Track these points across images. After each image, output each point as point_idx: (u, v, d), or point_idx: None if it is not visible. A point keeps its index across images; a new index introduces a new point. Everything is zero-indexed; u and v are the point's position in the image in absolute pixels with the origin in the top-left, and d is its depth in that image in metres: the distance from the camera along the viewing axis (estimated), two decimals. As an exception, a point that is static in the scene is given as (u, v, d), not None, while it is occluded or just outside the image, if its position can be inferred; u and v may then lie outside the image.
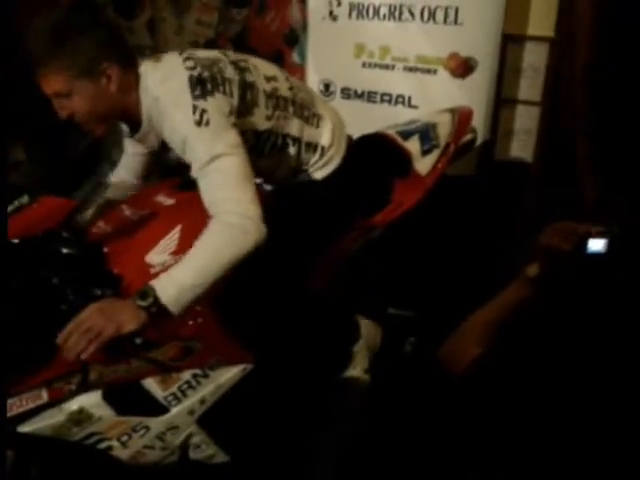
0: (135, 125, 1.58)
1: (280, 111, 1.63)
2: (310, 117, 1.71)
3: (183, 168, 1.56)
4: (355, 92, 3.04)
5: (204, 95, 1.43)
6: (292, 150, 1.68)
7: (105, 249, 1.61)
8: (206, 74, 1.47)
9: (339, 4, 3.03)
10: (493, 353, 1.21)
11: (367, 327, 1.92)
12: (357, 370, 1.84)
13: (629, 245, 1.20)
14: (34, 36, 1.41)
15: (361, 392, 1.84)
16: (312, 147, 1.71)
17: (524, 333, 1.22)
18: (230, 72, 1.53)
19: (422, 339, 2.06)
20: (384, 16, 2.92)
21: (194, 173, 1.46)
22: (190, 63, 1.49)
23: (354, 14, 3.00)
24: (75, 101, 1.45)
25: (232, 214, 1.39)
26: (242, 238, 1.39)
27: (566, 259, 1.19)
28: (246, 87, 1.54)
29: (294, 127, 1.67)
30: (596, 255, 1.19)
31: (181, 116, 1.42)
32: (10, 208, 1.46)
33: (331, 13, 3.05)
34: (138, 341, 1.39)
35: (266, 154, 1.65)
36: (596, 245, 1.19)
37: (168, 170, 2.42)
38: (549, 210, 2.75)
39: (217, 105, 1.45)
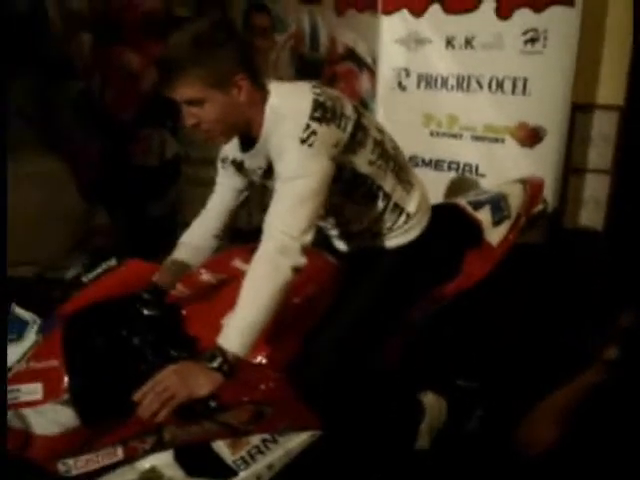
0: (251, 141, 1.62)
1: (382, 161, 1.67)
2: (403, 181, 1.74)
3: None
4: (423, 160, 3.09)
5: (321, 120, 1.49)
6: (380, 205, 1.70)
7: (183, 312, 1.67)
8: (329, 104, 1.53)
9: (408, 75, 3.12)
10: (569, 438, 1.19)
11: (432, 402, 1.90)
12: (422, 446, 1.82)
13: None
14: (176, 44, 1.49)
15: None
16: (398, 210, 1.73)
17: (601, 419, 1.19)
18: (349, 110, 1.59)
19: (490, 412, 2.01)
20: (452, 87, 2.98)
21: (276, 185, 1.50)
22: (318, 90, 1.56)
23: (422, 85, 3.08)
24: (206, 109, 1.51)
25: (278, 233, 1.44)
26: (281, 261, 1.43)
27: None
28: (359, 127, 1.59)
29: (389, 183, 1.70)
30: None
31: (292, 128, 1.48)
32: (98, 270, 1.54)
33: (400, 84, 3.15)
34: (212, 404, 1.42)
35: (355, 198, 1.68)
36: None
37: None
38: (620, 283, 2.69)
39: (328, 134, 1.50)
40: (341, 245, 1.85)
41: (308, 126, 1.47)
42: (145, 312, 1.59)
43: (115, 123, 2.63)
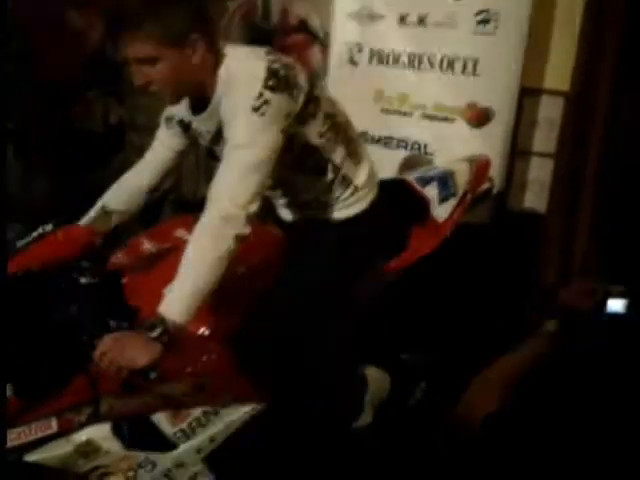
0: (202, 104, 1.59)
1: (332, 134, 1.65)
2: (353, 153, 1.73)
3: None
4: (373, 137, 3.08)
5: (274, 89, 1.45)
6: (329, 176, 1.69)
7: (124, 281, 1.62)
8: (283, 72, 1.49)
9: (360, 50, 3.09)
10: (508, 411, 1.20)
11: (375, 375, 1.91)
12: (365, 420, 1.83)
13: None
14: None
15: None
16: (346, 182, 1.72)
17: (539, 391, 1.21)
18: (302, 80, 1.56)
19: (433, 385, 2.04)
20: (404, 64, 2.98)
21: (224, 151, 1.47)
22: (273, 57, 1.52)
23: (374, 61, 3.06)
24: (157, 68, 1.46)
25: (223, 200, 1.42)
26: (225, 230, 1.41)
27: (585, 318, 1.19)
28: (311, 99, 1.57)
29: (338, 155, 1.68)
30: (616, 315, 1.19)
31: (245, 95, 1.44)
32: (33, 235, 1.47)
33: (352, 59, 3.12)
34: (152, 375, 1.39)
35: (304, 170, 1.66)
36: (616, 305, 1.19)
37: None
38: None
39: (280, 104, 1.46)
40: (287, 215, 1.82)
41: (261, 94, 1.43)
42: (83, 280, 1.53)
43: (55, 86, 2.52)
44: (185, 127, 1.70)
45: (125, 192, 1.80)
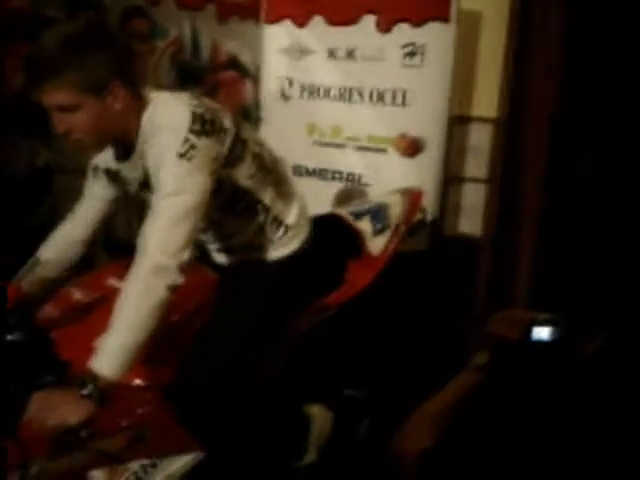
0: (127, 151, 1.56)
1: (261, 175, 1.65)
2: (282, 193, 1.73)
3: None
4: (307, 169, 3.11)
5: (200, 134, 1.44)
6: (260, 218, 1.68)
7: (54, 334, 1.57)
8: (208, 116, 1.49)
9: (291, 84, 3.13)
10: (442, 446, 1.22)
11: (317, 413, 1.90)
12: (310, 459, 1.82)
13: (573, 333, 1.24)
14: (46, 45, 1.40)
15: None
16: (277, 222, 1.71)
17: (472, 424, 1.24)
18: (228, 123, 1.55)
19: (377, 420, 2.04)
20: (335, 97, 3.03)
21: (153, 200, 1.45)
22: (196, 102, 1.51)
23: (305, 94, 3.11)
24: (78, 116, 1.43)
25: (154, 251, 1.39)
26: (156, 281, 1.38)
27: (512, 347, 1.22)
28: (238, 141, 1.56)
29: (268, 196, 1.68)
30: (541, 343, 1.23)
31: (170, 141, 1.42)
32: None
33: (283, 93, 3.16)
34: (84, 433, 1.34)
35: (236, 213, 1.65)
36: (541, 333, 1.22)
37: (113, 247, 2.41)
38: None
39: (208, 148, 1.45)
40: (220, 258, 1.81)
41: (187, 140, 1.42)
42: (9, 337, 1.47)
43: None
44: (113, 176, 1.67)
45: (60, 248, 1.74)
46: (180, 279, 1.41)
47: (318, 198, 2.07)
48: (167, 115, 1.49)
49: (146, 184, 1.56)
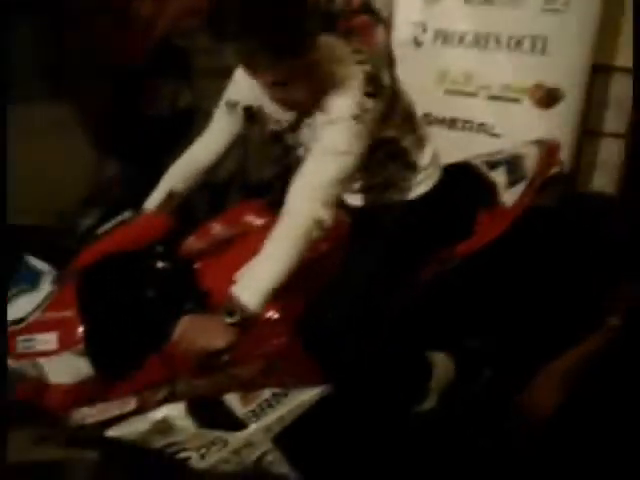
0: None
1: (404, 123, 1.66)
2: (418, 136, 1.73)
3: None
4: (437, 118, 3.05)
5: (371, 95, 1.47)
6: (397, 162, 1.70)
7: (196, 265, 1.67)
8: (376, 76, 1.51)
9: (424, 30, 3.05)
10: (573, 403, 1.20)
11: (440, 361, 1.91)
12: (430, 405, 1.84)
13: None
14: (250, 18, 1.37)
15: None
16: (412, 165, 1.72)
17: (604, 384, 1.20)
18: (386, 78, 1.56)
19: (498, 371, 2.03)
20: (469, 44, 2.92)
21: (314, 150, 1.49)
22: (361, 57, 1.53)
23: (439, 41, 3.02)
24: (291, 91, 1.47)
25: (313, 202, 1.45)
26: (309, 224, 1.44)
27: None
28: (393, 96, 1.58)
29: (407, 141, 1.69)
30: None
31: (346, 102, 1.46)
32: (113, 223, 1.53)
33: (416, 39, 3.08)
34: (225, 358, 1.44)
35: (375, 157, 1.66)
36: None
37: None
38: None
39: (375, 111, 1.48)
40: (354, 200, 1.83)
41: (361, 103, 1.45)
42: (158, 265, 1.59)
43: (125, 71, 2.58)
44: (251, 114, 1.70)
45: (183, 172, 1.80)
46: (330, 224, 1.47)
47: (447, 148, 2.03)
48: (342, 73, 1.49)
49: (297, 126, 1.61)
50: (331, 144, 1.46)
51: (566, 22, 2.66)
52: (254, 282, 1.43)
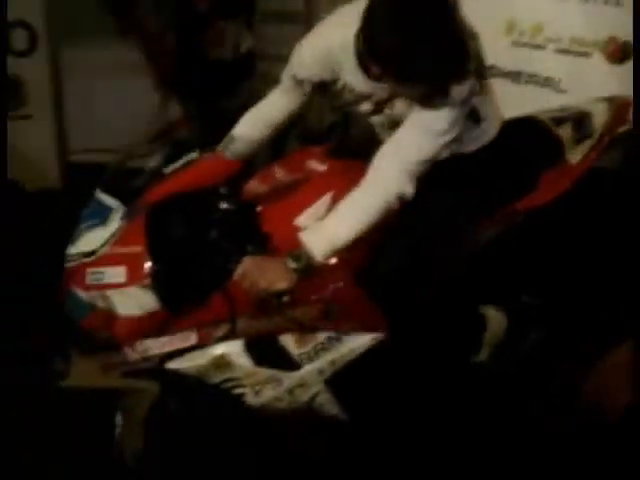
0: None
1: (482, 85, 1.64)
2: (481, 85, 1.68)
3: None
4: (502, 71, 2.96)
5: (474, 75, 1.50)
6: (469, 121, 1.66)
7: (258, 208, 1.70)
8: (478, 50, 1.56)
9: (494, -24, 2.94)
10: None
11: (493, 315, 1.91)
12: (482, 357, 1.86)
13: None
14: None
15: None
16: (475, 115, 1.69)
17: None
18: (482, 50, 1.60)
19: (550, 330, 2.02)
20: (541, -9, 2.81)
21: (414, 121, 1.49)
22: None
23: (508, -12, 2.91)
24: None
25: (404, 176, 1.47)
26: (394, 188, 1.47)
27: None
28: (480, 61, 1.59)
29: (475, 97, 1.65)
30: None
31: (461, 87, 1.46)
32: (180, 162, 1.57)
33: (485, -15, 2.97)
34: (285, 299, 1.48)
35: None
36: None
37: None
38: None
39: (474, 87, 1.51)
40: None
41: (472, 87, 1.47)
42: (222, 206, 1.62)
43: (190, 12, 2.58)
44: (322, 86, 1.67)
45: (254, 126, 1.78)
46: (412, 192, 1.49)
47: (512, 102, 1.97)
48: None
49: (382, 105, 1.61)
50: (434, 124, 1.46)
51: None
52: (325, 234, 1.45)
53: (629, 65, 2.63)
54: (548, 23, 2.81)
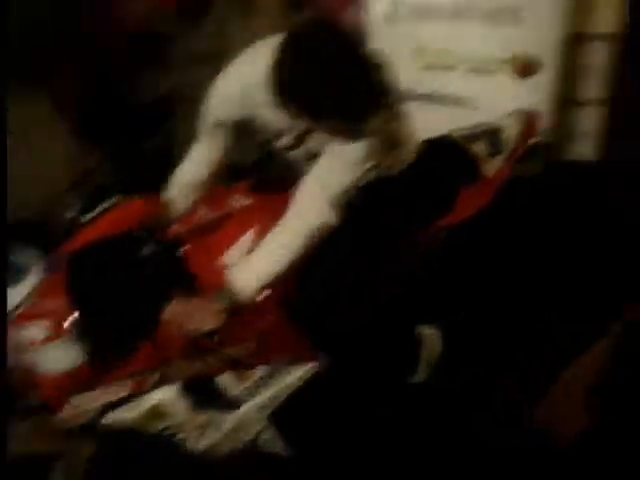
0: None
1: (395, 111, 1.69)
2: (397, 113, 1.74)
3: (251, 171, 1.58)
4: (415, 94, 3.05)
5: (391, 105, 1.61)
6: (383, 142, 1.69)
7: (182, 249, 1.67)
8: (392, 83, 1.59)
9: (399, 4, 3.04)
10: (600, 426, 1.13)
11: (428, 334, 1.94)
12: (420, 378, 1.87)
13: None
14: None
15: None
16: (393, 143, 1.74)
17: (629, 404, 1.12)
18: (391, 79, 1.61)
19: (482, 345, 2.06)
20: (445, 17, 2.92)
21: (334, 152, 1.51)
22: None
23: (414, 15, 3.01)
24: None
25: (326, 206, 1.48)
26: (319, 221, 1.49)
27: None
28: (390, 90, 1.60)
29: (389, 123, 1.70)
30: None
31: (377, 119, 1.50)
32: (99, 209, 1.53)
33: (391, 13, 3.07)
34: (215, 339, 1.45)
35: None
36: None
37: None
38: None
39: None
40: None
41: (384, 114, 1.52)
42: (144, 250, 1.59)
43: (105, 58, 2.55)
44: (241, 124, 1.66)
45: (181, 190, 1.76)
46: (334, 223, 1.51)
47: (427, 122, 2.03)
48: None
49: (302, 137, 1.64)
50: (351, 154, 1.49)
51: (540, -8, 2.67)
52: (252, 270, 1.45)
53: (535, 80, 2.76)
54: (455, 45, 2.91)
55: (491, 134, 2.08)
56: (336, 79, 1.31)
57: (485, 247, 2.01)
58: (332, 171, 1.51)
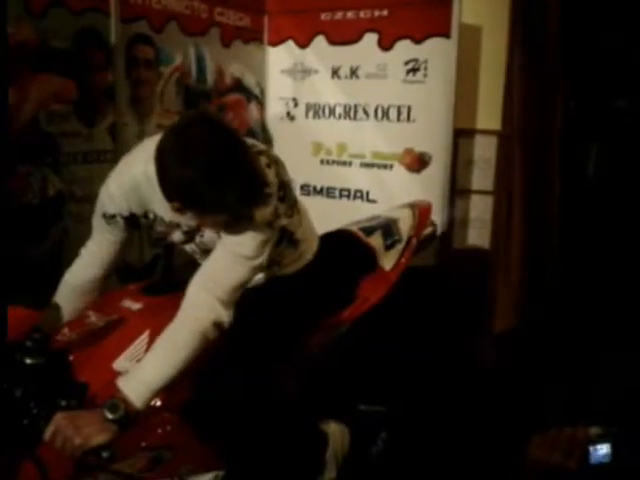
0: None
1: (289, 207, 1.66)
2: (295, 211, 1.73)
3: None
4: (314, 188, 3.13)
5: (281, 200, 1.53)
6: (283, 244, 1.70)
7: (71, 357, 1.57)
8: (285, 179, 1.57)
9: (296, 105, 3.17)
10: None
11: (334, 430, 1.89)
12: (329, 476, 1.81)
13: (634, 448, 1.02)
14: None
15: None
16: (293, 241, 1.73)
17: None
18: (286, 176, 1.60)
19: (394, 433, 2.03)
20: (339, 116, 3.06)
21: (224, 248, 1.49)
22: (267, 159, 1.53)
23: (310, 114, 3.14)
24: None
25: (217, 304, 1.44)
26: (209, 326, 1.43)
27: (570, 476, 1.01)
28: (284, 185, 1.58)
29: (292, 221, 1.70)
30: (602, 465, 1.01)
31: (264, 211, 1.47)
32: (-26, 320, 1.42)
33: (288, 113, 3.19)
34: (105, 455, 1.34)
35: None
36: (600, 452, 1.01)
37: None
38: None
39: (283, 212, 1.56)
40: None
41: (276, 209, 1.50)
42: (28, 361, 1.48)
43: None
44: (135, 220, 1.62)
45: (73, 292, 1.69)
46: (229, 322, 1.47)
47: (327, 216, 2.08)
48: None
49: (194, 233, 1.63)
50: (242, 249, 1.47)
51: (427, 91, 2.86)
52: (142, 378, 1.37)
53: (426, 172, 2.90)
54: (350, 141, 3.05)
55: (386, 226, 2.14)
56: (216, 174, 1.31)
57: (387, 335, 2.02)
58: (222, 267, 1.48)
